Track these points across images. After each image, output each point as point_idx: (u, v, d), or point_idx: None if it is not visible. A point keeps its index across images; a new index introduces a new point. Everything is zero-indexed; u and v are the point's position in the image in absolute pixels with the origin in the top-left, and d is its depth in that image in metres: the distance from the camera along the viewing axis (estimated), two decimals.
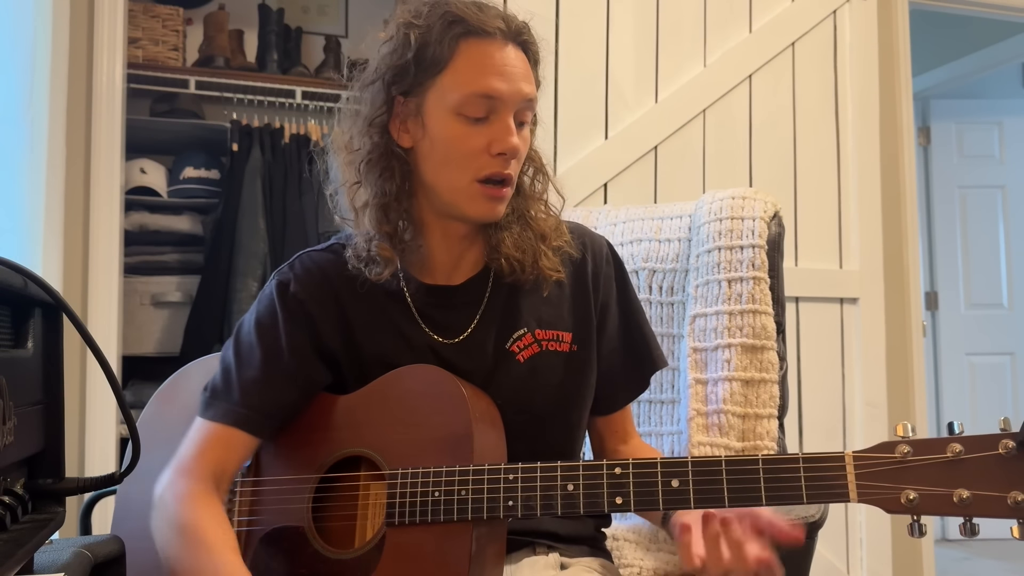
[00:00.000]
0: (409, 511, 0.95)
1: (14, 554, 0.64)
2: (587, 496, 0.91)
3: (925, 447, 0.83)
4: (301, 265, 1.10)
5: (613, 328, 1.15)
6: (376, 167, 1.05)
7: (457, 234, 1.08)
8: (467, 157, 1.00)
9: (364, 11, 3.49)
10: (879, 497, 0.83)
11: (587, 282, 1.13)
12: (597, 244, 1.17)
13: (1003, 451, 0.80)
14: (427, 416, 0.99)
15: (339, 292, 1.08)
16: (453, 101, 1.00)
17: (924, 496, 0.81)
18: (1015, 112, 4.37)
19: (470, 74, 0.99)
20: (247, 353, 1.05)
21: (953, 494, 0.80)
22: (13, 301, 0.72)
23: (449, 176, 1.02)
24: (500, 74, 0.99)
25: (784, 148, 2.44)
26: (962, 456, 0.81)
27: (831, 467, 0.85)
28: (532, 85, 1.03)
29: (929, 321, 4.28)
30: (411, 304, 1.08)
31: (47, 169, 1.97)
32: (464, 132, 1.00)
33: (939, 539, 4.07)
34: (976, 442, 0.81)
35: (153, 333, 2.88)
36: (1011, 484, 0.79)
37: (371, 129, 1.05)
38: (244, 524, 1.02)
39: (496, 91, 0.99)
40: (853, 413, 2.46)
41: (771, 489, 0.86)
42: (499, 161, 1.01)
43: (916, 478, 0.82)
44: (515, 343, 1.08)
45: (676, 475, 0.89)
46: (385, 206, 1.04)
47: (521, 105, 1.02)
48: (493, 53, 1.00)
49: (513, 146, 1.00)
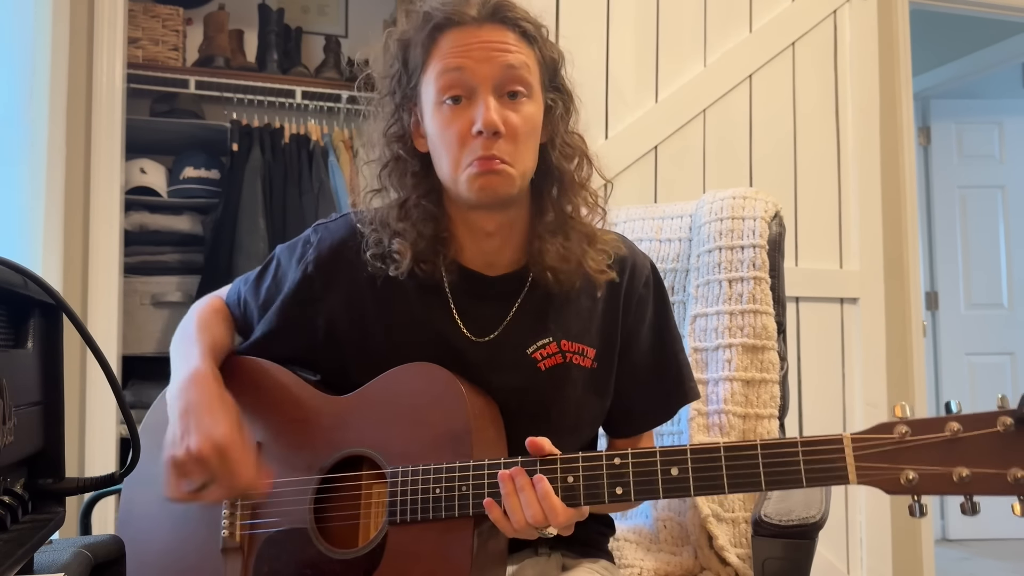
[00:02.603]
0: (410, 509, 0.95)
1: (14, 554, 0.64)
2: (587, 487, 0.91)
3: (923, 427, 0.82)
4: (328, 243, 1.12)
5: (640, 354, 1.12)
6: (394, 176, 1.07)
7: (483, 230, 1.06)
8: (454, 143, 0.99)
9: (364, 11, 3.49)
10: (878, 478, 0.83)
11: (619, 302, 1.11)
12: (639, 264, 1.13)
13: (1001, 428, 0.79)
14: (426, 414, 0.99)
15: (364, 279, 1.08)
16: (433, 92, 1.01)
17: (923, 475, 0.81)
18: (1015, 112, 4.37)
19: (442, 61, 1.00)
20: (262, 279, 1.15)
21: (952, 472, 0.80)
22: (13, 301, 0.72)
23: (448, 167, 1.01)
24: (468, 52, 0.99)
25: (784, 148, 2.44)
26: (960, 434, 0.81)
27: (830, 450, 0.84)
28: (517, 55, 1.00)
29: (929, 321, 4.28)
30: (449, 295, 1.07)
31: (47, 169, 1.97)
32: (447, 119, 1.00)
33: (939, 539, 4.07)
34: (974, 420, 0.81)
35: (153, 333, 2.88)
36: (1010, 461, 0.79)
37: (387, 139, 1.07)
38: (247, 527, 1.02)
39: (462, 64, 0.98)
40: (853, 413, 2.46)
41: (770, 474, 0.86)
42: (481, 141, 0.98)
43: (915, 458, 0.82)
44: (538, 350, 1.07)
45: (675, 463, 0.89)
46: (405, 204, 1.05)
47: (501, 77, 0.99)
48: (464, 37, 1.00)
49: (490, 120, 0.96)
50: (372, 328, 1.08)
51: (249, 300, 1.16)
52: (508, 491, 0.91)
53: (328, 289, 1.09)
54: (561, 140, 1.06)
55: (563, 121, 1.07)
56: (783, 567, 1.11)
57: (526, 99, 1.01)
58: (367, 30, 3.43)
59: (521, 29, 1.02)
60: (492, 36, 1.00)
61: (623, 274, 1.11)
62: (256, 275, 1.17)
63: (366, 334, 1.08)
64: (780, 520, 1.10)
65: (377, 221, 1.06)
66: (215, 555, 1.02)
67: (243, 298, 1.17)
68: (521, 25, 1.02)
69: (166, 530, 1.06)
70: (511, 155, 0.99)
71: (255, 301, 1.15)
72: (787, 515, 1.10)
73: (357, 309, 1.09)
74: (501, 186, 0.99)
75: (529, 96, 1.01)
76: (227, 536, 1.02)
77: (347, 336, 1.09)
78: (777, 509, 1.11)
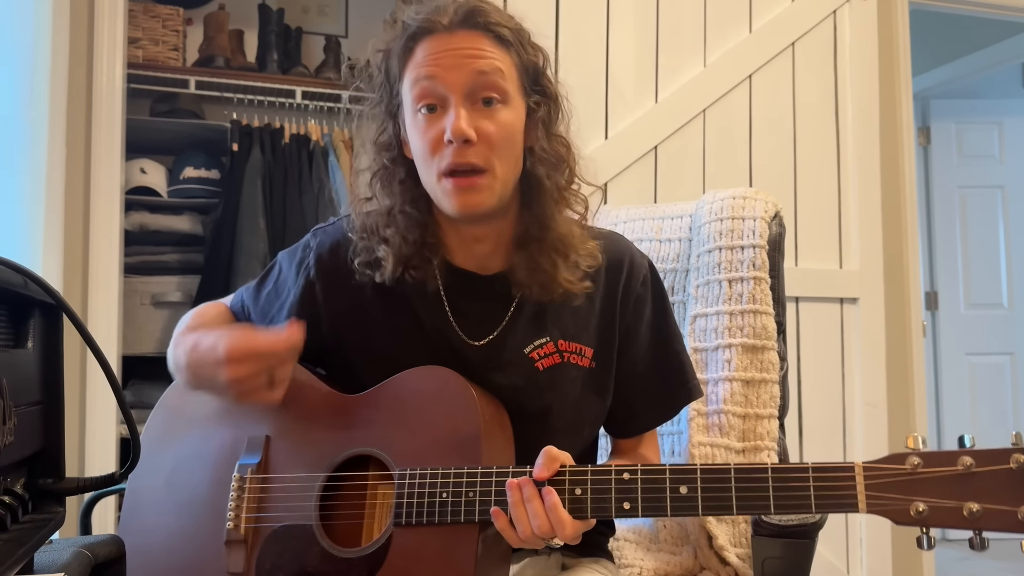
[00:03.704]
0: (416, 511, 0.95)
1: (14, 554, 0.64)
2: (595, 500, 0.91)
3: (935, 459, 0.82)
4: (328, 247, 1.12)
5: (640, 353, 1.12)
6: (383, 182, 1.07)
7: (471, 236, 1.06)
8: (428, 151, 0.99)
9: (364, 11, 3.49)
10: (888, 508, 0.83)
11: (616, 300, 1.10)
12: (637, 263, 1.13)
13: (1014, 465, 0.79)
14: (436, 417, 0.99)
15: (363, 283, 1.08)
16: (410, 101, 1.01)
17: (933, 508, 0.81)
18: (1015, 112, 4.37)
19: (415, 70, 1.00)
20: (263, 285, 1.17)
21: (963, 507, 0.80)
22: (13, 301, 0.72)
23: (425, 175, 1.02)
24: (439, 60, 0.99)
25: (784, 148, 2.44)
26: (973, 469, 0.81)
27: (840, 477, 0.84)
28: (489, 60, 0.99)
29: (929, 321, 4.28)
30: (444, 299, 1.07)
31: (47, 169, 1.96)
32: (422, 127, 1.00)
33: (939, 539, 4.06)
34: (987, 456, 0.81)
35: (153, 333, 2.88)
36: (1022, 498, 0.79)
37: (377, 147, 1.08)
38: (252, 520, 1.03)
39: (432, 73, 0.98)
40: (853, 413, 2.46)
41: (780, 498, 0.86)
42: (454, 149, 0.97)
43: (926, 490, 0.82)
44: (535, 350, 1.07)
45: (685, 482, 0.89)
46: (391, 211, 1.05)
47: (472, 84, 0.98)
48: (436, 45, 1.00)
49: (457, 129, 0.95)
50: (374, 331, 1.08)
51: (250, 305, 1.17)
52: (515, 500, 0.90)
53: (329, 293, 1.10)
54: (540, 146, 1.04)
55: (545, 126, 1.05)
56: (783, 567, 1.11)
57: (501, 105, 1.00)
58: (367, 30, 3.42)
59: (495, 34, 1.01)
60: (464, 43, 0.99)
61: (620, 273, 1.11)
62: (257, 281, 1.18)
63: (368, 337, 1.08)
64: (780, 520, 1.10)
65: (366, 229, 1.07)
66: (219, 547, 1.02)
67: (245, 304, 1.18)
68: (495, 30, 1.01)
69: (171, 521, 1.06)
70: (486, 160, 0.98)
71: (255, 306, 1.16)
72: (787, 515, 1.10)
73: (359, 313, 1.09)
74: (480, 203, 0.99)
75: (504, 102, 1.00)
76: (232, 528, 1.02)
77: (350, 339, 1.09)
78: None
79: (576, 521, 0.90)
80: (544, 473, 0.91)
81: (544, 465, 0.92)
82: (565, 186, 1.06)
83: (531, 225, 1.04)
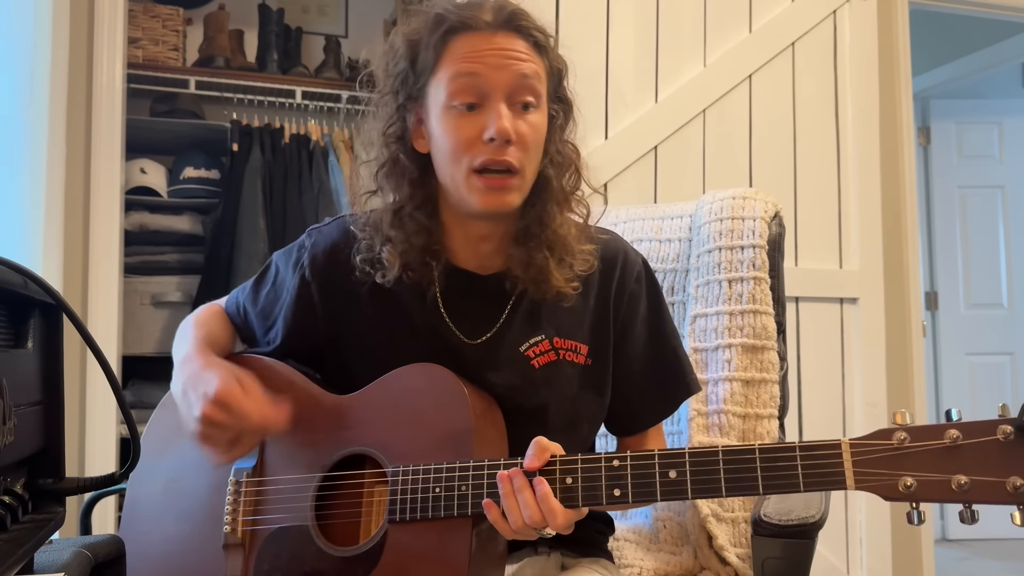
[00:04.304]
0: (410, 507, 0.95)
1: (14, 554, 0.64)
2: (585, 489, 0.91)
3: (922, 433, 0.82)
4: (322, 247, 1.12)
5: (636, 349, 1.13)
6: (392, 176, 1.06)
7: (477, 234, 1.06)
8: (462, 147, 0.99)
9: (364, 11, 3.49)
10: (876, 484, 0.82)
11: (610, 297, 1.11)
12: (630, 261, 1.13)
13: (1001, 436, 0.79)
14: (428, 414, 0.99)
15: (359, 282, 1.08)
16: (444, 95, 1.00)
17: (922, 482, 0.81)
18: (1015, 112, 4.37)
19: (455, 65, 0.99)
20: (261, 287, 1.16)
21: (951, 480, 0.80)
22: (13, 301, 0.72)
23: (452, 171, 1.01)
24: (482, 59, 0.99)
25: (784, 148, 2.44)
26: (960, 442, 0.80)
27: (827, 454, 0.84)
28: (530, 64, 1.00)
29: (929, 321, 4.28)
30: (440, 300, 1.07)
31: (47, 169, 1.97)
32: (457, 123, 0.99)
33: (939, 539, 4.07)
34: (974, 428, 0.80)
35: (153, 333, 2.88)
36: (1010, 469, 0.78)
37: (386, 139, 1.06)
38: (248, 523, 1.03)
39: (476, 71, 0.98)
40: (853, 413, 2.46)
41: (768, 478, 0.86)
42: (492, 148, 0.98)
43: (913, 464, 0.81)
44: (531, 348, 1.07)
45: (673, 466, 0.89)
46: (400, 212, 1.05)
47: (514, 85, 0.99)
48: (478, 43, 0.99)
49: (502, 129, 0.96)
50: (369, 330, 1.08)
51: (248, 307, 1.17)
52: (506, 492, 0.91)
53: (324, 292, 1.10)
54: (555, 149, 1.06)
55: (560, 131, 1.07)
56: (783, 567, 1.11)
57: (535, 109, 1.01)
58: (367, 30, 3.43)
59: (533, 39, 1.02)
60: (506, 44, 1.00)
61: (614, 270, 1.11)
62: (254, 282, 1.18)
63: (364, 336, 1.09)
64: (780, 520, 1.10)
65: (371, 224, 1.06)
66: (217, 551, 1.02)
67: (242, 305, 1.17)
68: (533, 35, 1.02)
69: (170, 526, 1.07)
70: (520, 161, 0.99)
71: (254, 308, 1.16)
72: (787, 515, 1.10)
73: (354, 312, 1.09)
74: (508, 203, 1.00)
75: (538, 106, 1.01)
76: (229, 532, 1.02)
77: (346, 338, 1.10)
78: (777, 509, 1.11)
79: (567, 510, 0.90)
80: (534, 463, 0.92)
81: (534, 455, 0.92)
82: (571, 189, 1.08)
83: (532, 223, 1.05)
